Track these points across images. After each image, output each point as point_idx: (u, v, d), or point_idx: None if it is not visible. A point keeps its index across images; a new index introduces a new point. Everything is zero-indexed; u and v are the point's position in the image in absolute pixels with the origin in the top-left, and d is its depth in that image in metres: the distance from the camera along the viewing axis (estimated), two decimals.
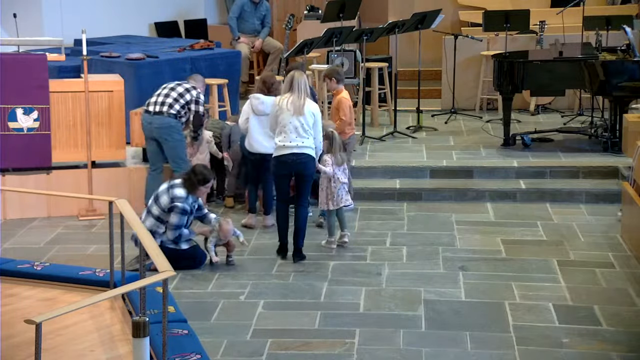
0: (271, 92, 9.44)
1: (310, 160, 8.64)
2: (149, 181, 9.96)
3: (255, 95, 9.49)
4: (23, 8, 12.80)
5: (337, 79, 10.12)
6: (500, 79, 11.55)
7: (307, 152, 8.59)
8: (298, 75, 8.64)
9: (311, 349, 6.84)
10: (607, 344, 6.90)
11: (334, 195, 8.94)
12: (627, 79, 11.07)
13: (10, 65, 9.85)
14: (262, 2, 14.52)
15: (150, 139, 9.83)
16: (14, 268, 7.38)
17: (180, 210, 8.43)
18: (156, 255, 5.76)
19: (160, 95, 9.78)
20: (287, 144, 8.56)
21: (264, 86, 9.51)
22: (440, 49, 13.53)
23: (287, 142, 8.56)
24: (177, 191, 8.48)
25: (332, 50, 12.48)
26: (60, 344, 6.02)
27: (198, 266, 8.54)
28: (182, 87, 9.81)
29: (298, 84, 8.57)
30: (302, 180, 8.71)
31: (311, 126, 8.59)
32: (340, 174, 9.01)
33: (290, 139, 8.55)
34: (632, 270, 8.39)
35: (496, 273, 8.35)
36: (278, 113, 8.59)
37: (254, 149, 9.48)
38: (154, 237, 7.73)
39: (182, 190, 8.48)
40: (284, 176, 8.72)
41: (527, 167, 10.86)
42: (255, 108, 9.40)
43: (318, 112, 8.71)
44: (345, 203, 9.02)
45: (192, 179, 8.51)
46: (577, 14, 13.00)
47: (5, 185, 9.73)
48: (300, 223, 8.75)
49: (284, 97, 8.62)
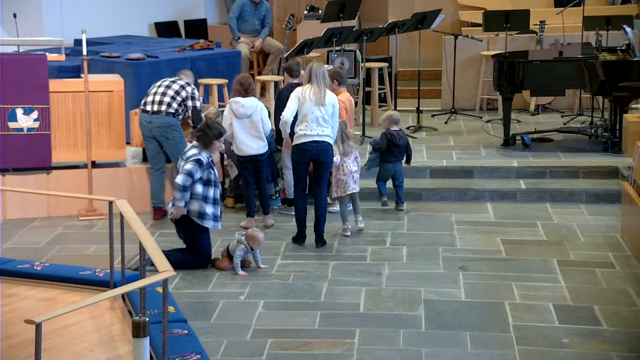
0: (249, 93, 9.53)
1: (330, 148, 9.06)
2: (154, 182, 9.97)
3: (234, 100, 9.54)
4: (23, 8, 12.80)
5: (339, 81, 10.13)
6: (500, 79, 11.55)
7: (327, 141, 8.99)
8: (316, 66, 9.00)
9: (311, 349, 6.84)
10: (607, 344, 6.90)
11: (344, 183, 9.40)
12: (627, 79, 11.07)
13: (10, 65, 9.85)
14: (263, 2, 14.51)
15: (150, 138, 9.84)
16: (14, 268, 7.38)
17: (195, 159, 8.36)
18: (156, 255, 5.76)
19: (157, 94, 9.78)
20: (307, 133, 8.92)
21: (242, 87, 9.55)
22: (440, 49, 13.53)
23: (308, 131, 8.92)
24: (190, 151, 8.47)
25: (332, 50, 12.48)
26: (60, 344, 6.02)
27: (198, 261, 8.51)
28: (177, 84, 9.83)
29: (316, 75, 8.91)
30: (322, 166, 9.08)
31: (330, 116, 8.99)
32: (350, 162, 9.43)
33: (311, 128, 8.92)
34: (632, 270, 8.39)
35: (496, 273, 8.35)
36: (301, 103, 8.93)
37: (243, 152, 9.53)
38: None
39: (194, 149, 8.46)
40: (303, 163, 9.07)
41: (527, 167, 10.86)
42: (236, 112, 9.45)
43: (337, 103, 9.14)
44: (352, 190, 9.43)
45: (209, 133, 8.48)
46: (577, 14, 13.01)
47: (5, 185, 9.73)
48: (321, 210, 9.07)
49: (305, 88, 8.97)
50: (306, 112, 8.91)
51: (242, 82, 9.63)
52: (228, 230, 9.48)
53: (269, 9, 14.72)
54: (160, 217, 9.88)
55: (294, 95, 9.05)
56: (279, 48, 14.21)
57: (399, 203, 10.15)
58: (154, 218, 9.90)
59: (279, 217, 9.94)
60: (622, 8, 14.55)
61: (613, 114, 11.42)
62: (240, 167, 9.69)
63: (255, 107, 9.52)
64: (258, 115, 9.50)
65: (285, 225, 9.69)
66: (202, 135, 8.53)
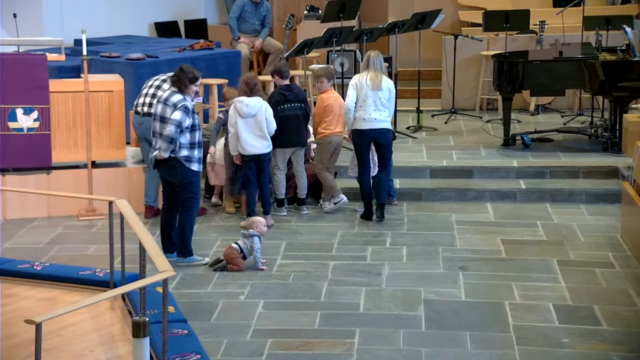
0: (254, 92, 9.54)
1: (388, 131, 9.76)
2: (147, 181, 9.97)
3: (238, 99, 9.55)
4: (23, 8, 12.80)
5: (329, 78, 10.20)
6: (500, 79, 11.55)
7: (385, 124, 9.62)
8: (374, 55, 9.61)
9: (311, 349, 6.84)
10: (607, 344, 6.89)
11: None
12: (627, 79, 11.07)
13: (10, 65, 9.85)
14: (263, 2, 14.52)
15: (143, 139, 9.85)
16: (14, 268, 7.39)
17: (183, 107, 8.38)
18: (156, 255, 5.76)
19: (147, 95, 9.79)
20: (366, 117, 9.54)
21: (247, 87, 9.56)
22: (440, 49, 13.54)
23: (366, 115, 9.53)
24: (174, 97, 8.47)
25: (332, 50, 12.48)
26: (60, 344, 6.02)
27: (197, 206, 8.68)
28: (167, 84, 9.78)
29: (374, 62, 9.54)
30: (381, 148, 9.74)
31: (387, 100, 9.61)
32: None
33: (369, 112, 9.52)
34: (632, 270, 8.39)
35: (496, 273, 8.35)
36: (359, 89, 9.51)
37: (246, 151, 9.54)
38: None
39: (177, 94, 8.48)
40: (364, 145, 9.68)
41: (527, 167, 10.86)
42: (241, 111, 9.46)
43: (393, 87, 9.79)
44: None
45: (182, 78, 8.51)
46: (577, 14, 13.01)
47: (5, 185, 9.72)
48: (382, 183, 9.80)
49: (362, 75, 9.59)
50: (364, 98, 9.50)
51: (248, 81, 9.63)
52: (228, 230, 9.50)
53: (269, 9, 14.72)
54: (152, 216, 9.86)
55: (351, 83, 9.64)
56: (279, 48, 14.22)
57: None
58: (146, 216, 9.86)
59: (280, 216, 9.93)
60: (622, 8, 14.56)
61: (613, 114, 11.42)
62: (244, 166, 9.69)
63: (260, 106, 9.53)
64: (262, 114, 9.51)
65: (285, 225, 9.70)
66: (176, 80, 8.55)
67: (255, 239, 8.45)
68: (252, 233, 8.48)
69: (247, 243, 8.46)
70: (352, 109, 9.50)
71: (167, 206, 8.72)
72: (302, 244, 9.15)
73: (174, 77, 8.63)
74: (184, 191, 8.53)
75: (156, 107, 8.64)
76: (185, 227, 8.56)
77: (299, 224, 9.77)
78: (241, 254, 8.45)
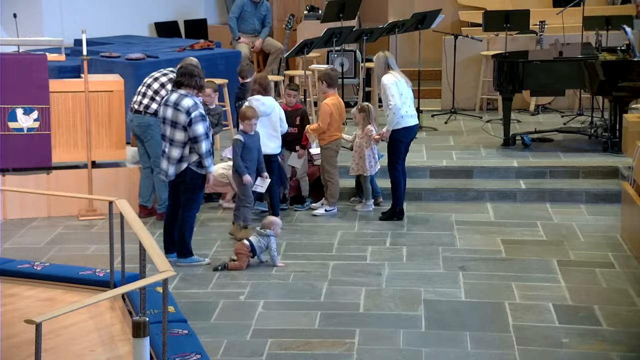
0: (267, 92, 9.53)
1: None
2: (141, 180, 9.97)
3: (255, 97, 9.50)
4: (23, 8, 12.80)
5: (328, 83, 10.06)
6: (500, 79, 11.55)
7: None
8: (389, 55, 9.76)
9: (311, 349, 6.84)
10: (607, 344, 6.90)
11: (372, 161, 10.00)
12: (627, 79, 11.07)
13: (10, 65, 9.85)
14: (263, 2, 14.51)
15: (137, 138, 9.88)
16: (14, 268, 7.38)
17: (200, 116, 8.31)
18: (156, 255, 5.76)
19: (139, 93, 9.80)
20: (412, 114, 9.72)
21: (261, 87, 9.55)
22: (440, 49, 13.54)
23: (411, 111, 9.70)
24: (185, 102, 8.33)
25: (332, 50, 12.48)
26: (60, 344, 6.02)
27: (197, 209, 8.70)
28: (158, 82, 9.73)
29: (393, 62, 9.67)
30: (409, 144, 9.90)
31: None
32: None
33: (412, 109, 9.75)
34: (632, 270, 8.39)
35: (496, 273, 8.35)
36: (399, 85, 9.54)
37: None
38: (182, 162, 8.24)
39: (187, 98, 8.34)
40: (408, 143, 9.86)
41: (527, 167, 10.86)
42: (257, 109, 9.41)
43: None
44: (372, 172, 10.03)
45: (196, 74, 8.38)
46: (577, 14, 13.01)
47: (5, 185, 9.73)
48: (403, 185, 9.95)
49: (392, 74, 9.61)
50: (406, 94, 9.62)
51: (261, 82, 9.61)
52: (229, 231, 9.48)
53: (269, 9, 14.72)
54: (145, 216, 9.84)
55: (390, 84, 9.54)
56: (279, 48, 14.21)
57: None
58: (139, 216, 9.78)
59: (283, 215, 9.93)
60: (622, 8, 14.56)
61: (613, 114, 11.42)
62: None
63: (274, 106, 9.53)
64: (276, 114, 9.51)
65: (285, 225, 9.67)
66: (189, 80, 8.35)
67: (272, 239, 8.52)
68: (269, 233, 8.55)
69: (262, 241, 8.51)
70: (402, 106, 9.54)
71: (172, 207, 8.70)
72: (302, 244, 9.16)
73: (183, 77, 8.39)
74: (187, 192, 8.52)
75: (165, 110, 8.45)
76: (185, 227, 8.55)
77: (299, 224, 9.77)
78: (251, 252, 8.47)
